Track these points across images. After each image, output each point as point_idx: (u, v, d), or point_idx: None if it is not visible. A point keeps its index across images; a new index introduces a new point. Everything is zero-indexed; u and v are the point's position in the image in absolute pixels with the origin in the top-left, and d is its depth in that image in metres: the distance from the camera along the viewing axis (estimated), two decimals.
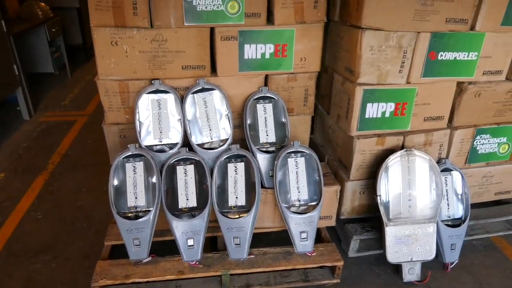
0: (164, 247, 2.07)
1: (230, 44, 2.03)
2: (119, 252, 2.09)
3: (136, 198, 1.94)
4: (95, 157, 3.33)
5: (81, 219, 2.62)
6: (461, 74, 2.15)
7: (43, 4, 4.81)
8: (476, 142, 2.36)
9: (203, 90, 2.08)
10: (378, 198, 2.09)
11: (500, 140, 2.40)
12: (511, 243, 2.47)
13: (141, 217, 1.91)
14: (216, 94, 2.09)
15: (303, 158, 2.06)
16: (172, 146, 2.06)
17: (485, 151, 2.40)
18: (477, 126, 2.32)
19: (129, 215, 1.94)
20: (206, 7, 1.93)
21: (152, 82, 2.03)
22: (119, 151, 2.02)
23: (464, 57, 2.10)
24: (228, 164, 2.03)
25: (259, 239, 2.22)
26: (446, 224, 2.18)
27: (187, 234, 1.94)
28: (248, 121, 2.15)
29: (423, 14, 1.92)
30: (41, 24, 4.58)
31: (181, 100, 2.07)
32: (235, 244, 2.00)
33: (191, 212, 1.98)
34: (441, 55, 2.07)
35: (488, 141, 2.38)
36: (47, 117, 4.16)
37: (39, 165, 3.23)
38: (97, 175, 3.08)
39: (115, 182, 1.94)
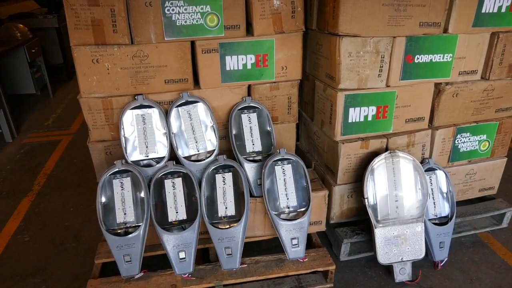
0: (156, 261, 2.06)
1: (211, 56, 2.05)
2: (110, 269, 2.07)
3: (125, 214, 1.93)
4: (82, 176, 3.30)
5: (69, 239, 2.59)
6: (438, 75, 2.21)
7: (21, 25, 4.79)
8: (457, 140, 2.41)
9: (187, 103, 2.09)
10: (366, 200, 2.12)
11: (480, 137, 2.46)
12: (497, 238, 2.52)
13: (131, 233, 1.90)
14: (200, 106, 2.11)
15: (290, 165, 2.08)
16: (159, 160, 2.06)
17: (466, 149, 2.46)
18: (457, 125, 2.38)
19: (119, 231, 1.92)
20: (185, 22, 1.96)
21: (136, 97, 2.04)
22: (106, 168, 2.02)
23: (439, 59, 2.16)
24: (216, 175, 2.04)
25: (251, 248, 2.22)
26: (433, 223, 2.22)
27: (178, 247, 1.94)
28: (234, 132, 2.17)
29: (397, 19, 1.98)
30: (20, 45, 4.55)
31: (166, 114, 2.08)
32: (227, 255, 2.00)
33: (181, 225, 1.97)
34: (418, 58, 2.12)
35: (469, 139, 2.44)
36: (30, 138, 4.11)
37: (24, 187, 3.18)
38: (84, 194, 3.05)
39: (103, 199, 1.93)
